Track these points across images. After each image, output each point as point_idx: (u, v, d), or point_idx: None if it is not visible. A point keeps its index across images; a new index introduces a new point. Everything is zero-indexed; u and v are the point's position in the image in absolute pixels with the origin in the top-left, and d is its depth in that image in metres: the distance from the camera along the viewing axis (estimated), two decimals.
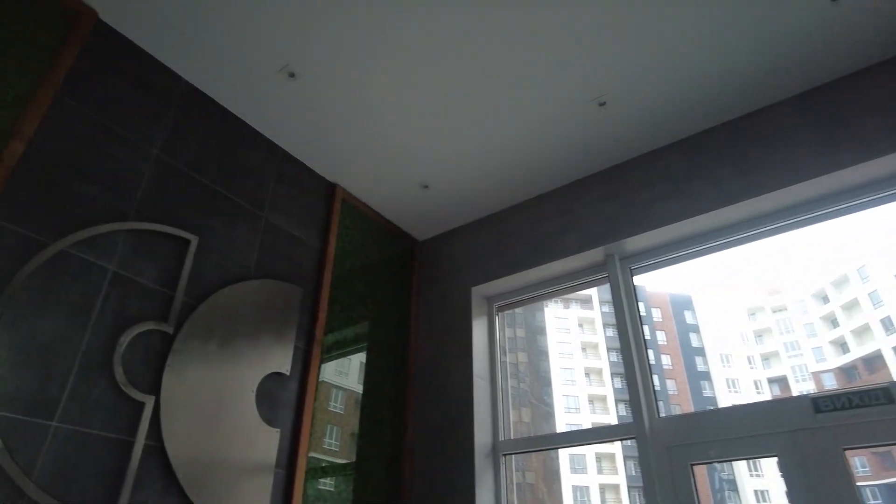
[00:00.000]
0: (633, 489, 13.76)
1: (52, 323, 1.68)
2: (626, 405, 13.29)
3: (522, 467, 2.78)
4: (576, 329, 14.34)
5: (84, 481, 1.61)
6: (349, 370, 2.69)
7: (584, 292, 3.20)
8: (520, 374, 2.99)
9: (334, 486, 2.38)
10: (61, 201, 1.81)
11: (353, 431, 2.56)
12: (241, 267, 2.28)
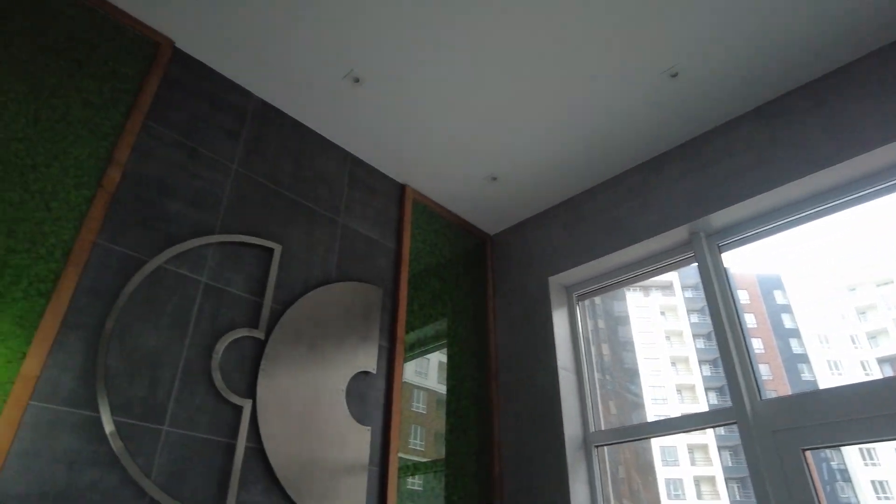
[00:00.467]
0: (731, 481, 13.12)
1: (156, 334, 1.79)
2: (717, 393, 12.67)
3: (616, 460, 2.70)
4: (658, 317, 13.84)
5: (195, 481, 1.71)
6: (428, 370, 2.71)
7: (665, 278, 3.08)
8: (604, 365, 2.91)
9: (423, 484, 2.40)
10: (155, 220, 1.92)
11: (437, 431, 2.57)
12: (323, 271, 2.35)
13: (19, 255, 1.62)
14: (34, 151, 1.75)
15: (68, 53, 1.95)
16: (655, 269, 2.70)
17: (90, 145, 1.88)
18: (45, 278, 1.63)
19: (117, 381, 1.66)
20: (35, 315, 1.58)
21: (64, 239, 1.71)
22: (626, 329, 3.77)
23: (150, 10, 2.12)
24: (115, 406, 1.62)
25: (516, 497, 2.55)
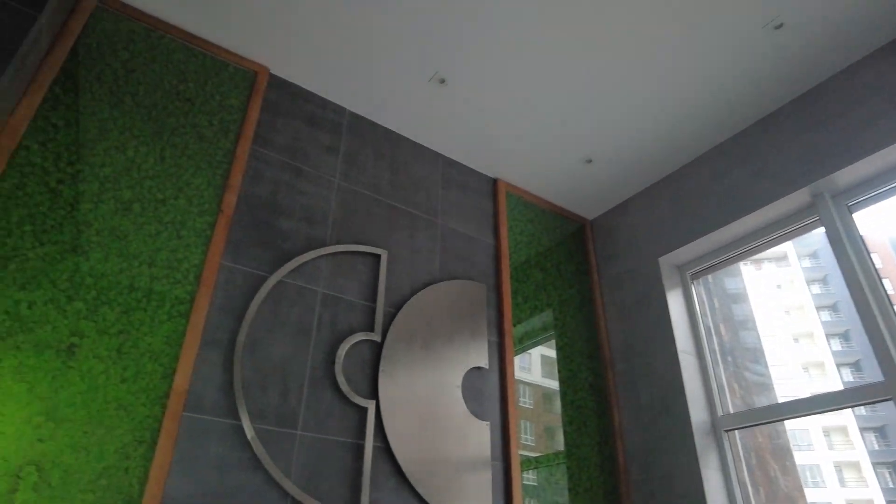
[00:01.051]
0: (880, 465, 11.94)
1: (282, 344, 1.90)
2: (852, 369, 11.54)
3: (748, 446, 2.54)
4: (775, 291, 12.87)
5: (330, 481, 1.80)
6: (531, 365, 2.69)
7: (778, 250, 2.89)
8: (724, 346, 2.75)
9: (539, 479, 2.38)
10: (270, 238, 2.05)
11: (546, 425, 2.54)
12: (428, 272, 2.40)
13: (160, 282, 1.78)
14: (163, 186, 1.92)
15: (182, 94, 2.12)
16: (775, 238, 2.51)
17: (207, 174, 2.03)
18: (183, 300, 1.79)
19: (252, 390, 1.78)
20: (179, 334, 1.73)
21: (195, 263, 1.86)
22: (743, 306, 3.54)
23: (245, 43, 2.27)
24: (252, 414, 1.75)
25: (645, 486, 2.46)
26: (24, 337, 1.52)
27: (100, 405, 1.55)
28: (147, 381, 1.64)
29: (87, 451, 1.49)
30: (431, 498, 1.94)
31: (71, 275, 1.65)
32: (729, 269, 2.76)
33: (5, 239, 1.59)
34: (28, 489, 1.39)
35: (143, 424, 1.58)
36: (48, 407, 1.49)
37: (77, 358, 1.57)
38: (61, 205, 1.72)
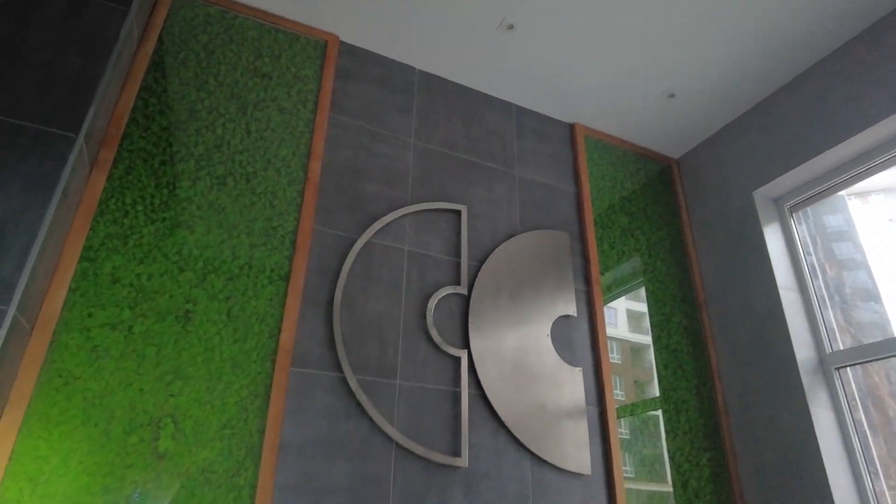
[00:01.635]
0: None
1: (376, 301, 1.98)
2: None
3: (863, 386, 2.38)
4: (886, 225, 11.76)
5: (431, 427, 1.88)
6: (617, 320, 2.64)
7: (884, 181, 2.58)
8: (830, 284, 2.56)
9: (631, 430, 2.36)
10: (355, 202, 2.12)
11: (636, 379, 2.51)
12: (508, 224, 2.40)
13: (259, 249, 1.90)
14: (252, 159, 2.03)
15: (259, 70, 2.21)
16: (883, 161, 2.29)
17: (291, 145, 2.12)
18: (281, 265, 1.90)
19: (352, 345, 1.88)
20: (280, 296, 1.85)
21: (289, 230, 1.97)
22: (850, 244, 3.29)
23: (314, 13, 2.31)
24: (354, 366, 1.85)
25: (747, 428, 2.39)
26: (147, 306, 1.68)
27: (217, 364, 1.69)
28: (256, 340, 1.77)
29: (210, 404, 1.64)
30: (529, 443, 1.99)
31: (179, 248, 1.80)
32: (833, 205, 2.56)
33: (122, 219, 1.75)
34: (167, 437, 1.56)
35: (257, 380, 1.72)
36: (175, 366, 1.64)
37: (193, 322, 1.72)
38: (165, 184, 1.86)
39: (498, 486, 1.90)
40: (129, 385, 1.57)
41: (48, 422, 1.46)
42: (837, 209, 3.15)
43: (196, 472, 1.55)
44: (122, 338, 1.62)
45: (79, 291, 1.62)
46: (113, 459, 1.49)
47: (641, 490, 2.26)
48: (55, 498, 1.40)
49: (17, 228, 1.40)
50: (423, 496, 1.78)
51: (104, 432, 1.50)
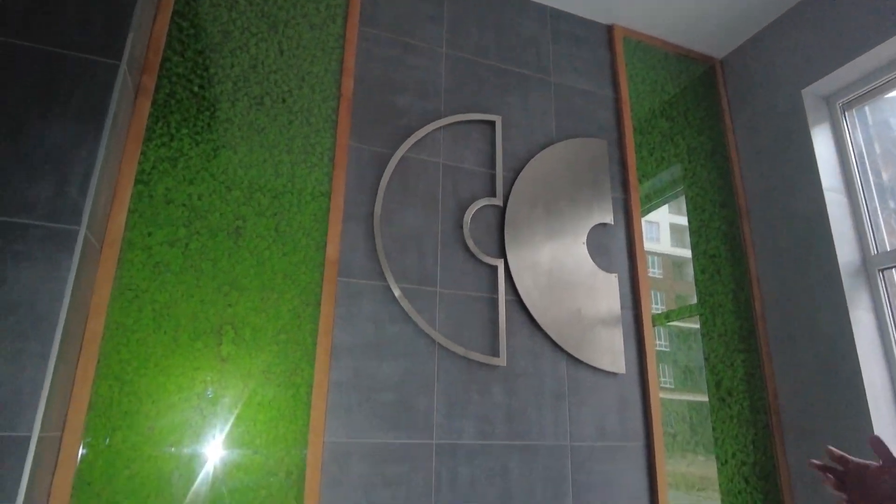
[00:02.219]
0: None
1: (413, 213, 2.05)
2: None
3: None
4: None
5: (471, 330, 1.99)
6: (659, 234, 2.62)
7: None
8: (884, 186, 2.46)
9: (681, 334, 2.42)
10: (389, 116, 2.14)
11: (677, 294, 2.52)
12: (544, 134, 2.38)
13: (300, 167, 1.97)
14: (286, 78, 2.05)
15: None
16: None
17: (323, 62, 2.13)
18: (322, 181, 1.97)
19: (393, 255, 1.97)
20: (324, 211, 1.93)
21: (327, 147, 2.02)
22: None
23: None
24: (396, 275, 1.94)
25: (783, 329, 2.42)
26: (200, 224, 1.79)
27: (269, 275, 1.82)
28: (304, 253, 1.87)
29: (266, 312, 1.78)
30: (565, 344, 2.08)
31: (225, 168, 1.88)
32: (894, 102, 2.42)
33: (170, 143, 1.83)
34: (229, 343, 1.71)
35: (307, 289, 1.84)
36: (230, 279, 1.77)
37: (243, 238, 1.83)
38: (206, 107, 1.92)
39: (535, 383, 2.02)
40: (190, 297, 1.71)
41: (125, 330, 1.62)
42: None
43: (257, 372, 1.71)
44: (179, 254, 1.74)
45: (137, 213, 1.73)
46: (183, 362, 1.66)
47: (679, 400, 2.34)
48: (139, 394, 1.59)
49: (77, 157, 1.50)
50: (465, 392, 1.92)
51: (173, 339, 1.66)
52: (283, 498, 1.65)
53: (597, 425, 2.06)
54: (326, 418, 1.73)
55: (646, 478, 2.07)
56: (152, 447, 1.57)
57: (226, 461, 1.62)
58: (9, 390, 1.30)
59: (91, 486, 1.50)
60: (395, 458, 1.78)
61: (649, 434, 2.12)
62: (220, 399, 1.67)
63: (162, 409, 1.60)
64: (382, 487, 1.74)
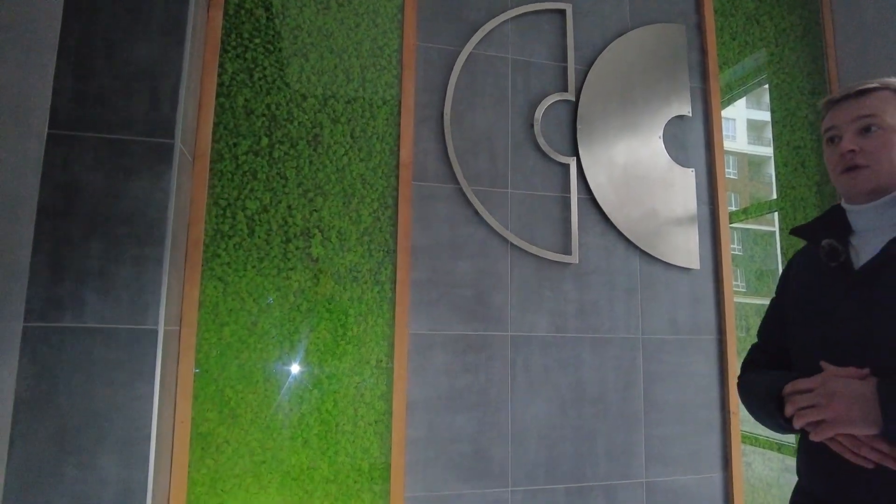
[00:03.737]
0: None
1: (483, 114, 2.04)
2: None
3: None
4: None
5: (543, 230, 2.03)
6: (735, 132, 2.48)
7: None
8: None
9: (756, 238, 2.35)
10: (455, 11, 2.07)
11: (751, 195, 2.42)
12: (618, 21, 2.25)
13: (369, 70, 1.97)
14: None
15: None
16: None
17: None
18: (392, 84, 1.98)
19: (465, 158, 1.99)
20: (395, 115, 1.96)
21: (395, 48, 2.00)
22: None
23: None
24: (469, 177, 1.98)
25: None
26: (280, 132, 1.86)
27: (349, 181, 1.89)
28: (379, 158, 1.92)
29: (349, 216, 1.87)
30: (638, 241, 2.09)
31: (298, 76, 1.91)
32: None
33: (244, 54, 1.87)
34: (317, 245, 1.83)
35: (385, 193, 1.91)
36: (314, 185, 1.86)
37: (322, 145, 1.89)
38: (275, 15, 1.93)
39: (607, 279, 2.06)
40: (278, 203, 1.82)
41: (223, 236, 1.76)
42: None
43: (345, 271, 1.84)
44: (265, 163, 1.83)
45: (221, 125, 1.82)
46: (278, 264, 1.80)
47: (752, 304, 2.33)
48: (241, 294, 1.75)
49: (164, 72, 1.57)
50: (538, 289, 1.99)
51: (266, 242, 1.79)
52: (374, 382, 1.82)
53: (669, 319, 2.10)
54: (409, 312, 1.86)
55: (717, 370, 2.13)
56: (257, 339, 1.75)
57: (322, 351, 1.79)
58: (135, 291, 1.47)
59: (209, 373, 1.71)
60: (473, 348, 1.90)
61: (722, 329, 2.14)
62: (313, 296, 1.81)
63: (263, 307, 1.76)
64: (463, 373, 1.88)
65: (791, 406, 0.92)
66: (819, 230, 1.06)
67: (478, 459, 1.85)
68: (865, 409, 0.82)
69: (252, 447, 1.71)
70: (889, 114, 0.97)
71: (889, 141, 0.97)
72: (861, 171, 0.99)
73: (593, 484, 1.95)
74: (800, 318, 1.06)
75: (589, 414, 1.98)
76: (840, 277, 0.98)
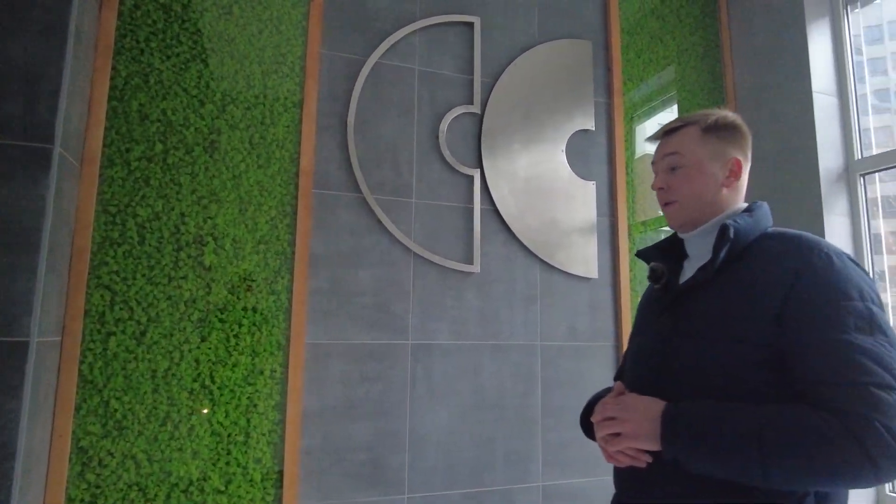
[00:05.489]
0: None
1: (388, 123, 2.05)
2: None
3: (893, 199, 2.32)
4: None
5: (446, 239, 2.06)
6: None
7: None
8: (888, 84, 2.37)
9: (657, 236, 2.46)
10: (362, 20, 2.08)
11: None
12: (526, 35, 2.31)
13: (271, 77, 1.96)
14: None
15: None
16: None
17: None
18: (294, 91, 1.97)
19: (368, 166, 2.00)
20: (296, 122, 1.95)
21: (298, 55, 1.99)
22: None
23: None
24: (372, 186, 1.99)
25: None
26: (175, 138, 1.83)
27: (246, 188, 1.87)
28: (278, 165, 1.91)
29: (244, 224, 1.85)
30: (539, 251, 2.15)
31: (197, 81, 1.88)
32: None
33: (140, 57, 1.83)
34: (210, 252, 1.80)
35: (283, 201, 1.90)
36: (208, 192, 1.83)
37: (219, 151, 1.87)
38: (174, 18, 1.89)
39: (508, 288, 2.11)
40: (171, 210, 1.79)
41: (111, 244, 1.72)
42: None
43: (239, 280, 1.82)
44: (158, 169, 1.80)
45: (113, 129, 1.77)
46: (169, 272, 1.76)
47: None
48: (129, 303, 1.71)
49: (43, 74, 1.51)
50: (440, 297, 2.02)
51: (157, 250, 1.76)
52: (269, 392, 1.81)
53: (567, 326, 2.17)
54: (307, 321, 1.85)
55: (613, 375, 2.21)
56: (146, 350, 1.71)
57: (214, 361, 1.77)
58: (4, 300, 1.41)
59: (93, 384, 1.66)
60: (373, 357, 1.92)
61: (618, 335, 2.23)
62: (206, 305, 1.79)
63: (152, 316, 1.73)
64: (361, 383, 1.89)
65: (594, 416, 0.99)
66: (656, 254, 1.13)
67: (374, 467, 1.87)
68: (652, 428, 0.89)
69: (138, 459, 1.67)
70: (691, 150, 1.04)
71: (690, 176, 1.04)
72: (671, 207, 1.06)
73: (491, 489, 1.99)
74: (633, 330, 1.14)
75: (488, 420, 2.02)
76: (661, 298, 1.05)
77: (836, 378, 0.80)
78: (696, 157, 1.04)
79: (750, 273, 0.93)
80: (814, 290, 0.86)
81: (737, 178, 1.05)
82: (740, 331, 0.89)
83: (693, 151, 1.04)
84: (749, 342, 0.88)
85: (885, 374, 0.78)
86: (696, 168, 1.03)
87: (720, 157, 1.04)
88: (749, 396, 0.85)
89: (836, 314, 0.83)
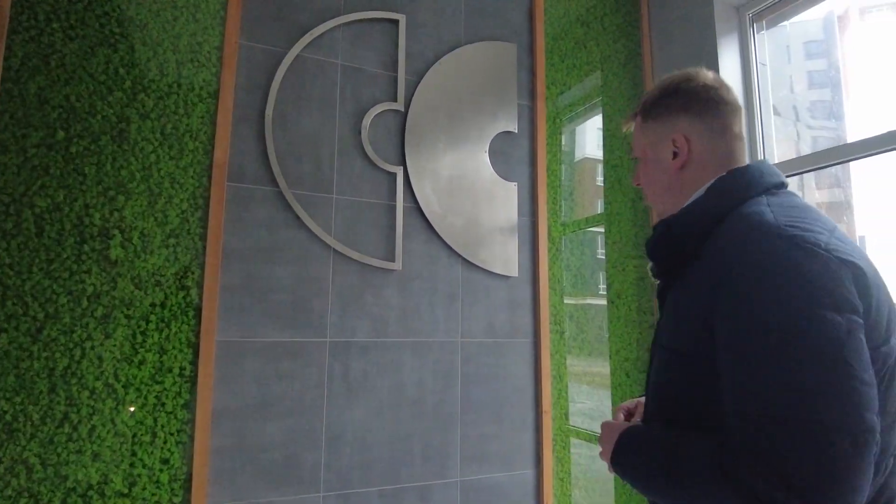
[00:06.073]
0: None
1: (309, 117, 2.03)
2: None
3: None
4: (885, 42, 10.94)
5: (367, 236, 2.05)
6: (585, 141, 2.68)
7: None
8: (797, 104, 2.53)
9: (585, 239, 2.53)
10: (284, 12, 2.05)
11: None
12: (452, 35, 2.33)
13: (186, 66, 1.89)
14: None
15: None
16: None
17: None
18: (209, 81, 1.91)
19: (287, 161, 1.97)
20: (211, 114, 1.89)
21: (215, 45, 1.94)
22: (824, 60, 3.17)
23: None
24: (290, 181, 1.96)
25: None
26: (80, 126, 1.74)
27: (157, 180, 1.80)
28: (191, 157, 1.85)
29: (154, 217, 1.79)
30: (461, 249, 2.17)
31: (105, 67, 1.80)
32: (825, 18, 2.42)
33: (39, 37, 1.73)
34: (117, 247, 1.73)
35: (196, 194, 1.84)
36: (115, 183, 1.76)
37: (128, 141, 1.79)
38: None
39: (429, 286, 2.13)
40: (73, 201, 1.70)
41: (4, 235, 1.62)
42: (833, 24, 2.97)
43: (146, 275, 1.75)
44: (59, 157, 1.70)
45: (7, 114, 1.66)
46: (70, 266, 1.68)
47: (577, 304, 2.49)
48: (24, 298, 1.61)
49: None
50: (360, 295, 2.01)
51: (57, 242, 1.67)
52: (178, 391, 1.75)
53: (487, 323, 2.21)
54: (218, 318, 1.81)
55: (532, 371, 2.27)
56: (42, 347, 1.62)
57: (119, 359, 1.70)
58: None
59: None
60: (289, 355, 1.89)
61: (537, 331, 2.29)
62: (110, 301, 1.71)
63: (50, 312, 1.64)
64: (276, 381, 1.86)
65: None
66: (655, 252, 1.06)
67: (288, 466, 1.84)
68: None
69: (31, 464, 1.58)
70: (638, 143, 1.02)
71: (646, 170, 0.99)
72: (649, 202, 1.04)
73: (408, 485, 2.00)
74: None
75: (406, 416, 2.03)
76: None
77: (739, 408, 0.70)
78: (642, 149, 0.99)
79: (698, 272, 0.82)
80: (728, 304, 0.73)
81: (686, 156, 0.91)
82: (681, 342, 0.82)
83: (639, 144, 1.00)
84: (688, 355, 0.80)
85: (795, 408, 0.65)
86: (646, 161, 0.99)
87: (662, 140, 0.94)
88: (700, 416, 0.78)
89: (745, 339, 0.71)
